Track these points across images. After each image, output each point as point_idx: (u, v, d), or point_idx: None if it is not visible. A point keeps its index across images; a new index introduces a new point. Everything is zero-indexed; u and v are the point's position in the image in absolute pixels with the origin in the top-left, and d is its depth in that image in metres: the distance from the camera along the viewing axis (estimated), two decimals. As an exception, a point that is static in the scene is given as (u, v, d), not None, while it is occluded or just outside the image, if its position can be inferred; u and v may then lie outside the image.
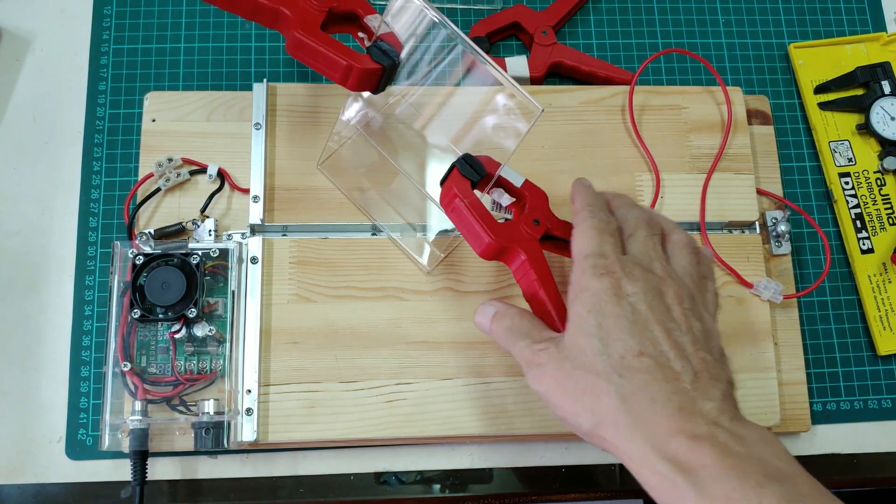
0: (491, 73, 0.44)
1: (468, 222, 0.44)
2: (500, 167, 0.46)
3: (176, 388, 0.50)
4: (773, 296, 0.55)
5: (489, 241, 0.44)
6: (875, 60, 0.63)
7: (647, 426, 0.36)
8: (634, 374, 0.37)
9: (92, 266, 0.55)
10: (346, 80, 0.46)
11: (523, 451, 0.54)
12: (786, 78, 0.64)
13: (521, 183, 0.47)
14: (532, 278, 0.44)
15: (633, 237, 0.43)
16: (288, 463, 0.53)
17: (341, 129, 0.54)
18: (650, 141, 0.58)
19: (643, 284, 0.39)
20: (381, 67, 0.46)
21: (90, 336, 0.54)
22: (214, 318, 0.52)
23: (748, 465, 0.34)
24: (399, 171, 0.52)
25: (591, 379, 0.38)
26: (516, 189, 0.47)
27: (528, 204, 0.46)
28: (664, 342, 0.38)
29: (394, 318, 0.53)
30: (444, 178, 0.46)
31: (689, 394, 0.37)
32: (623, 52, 0.64)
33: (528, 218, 0.45)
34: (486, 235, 0.44)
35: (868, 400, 0.57)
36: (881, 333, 0.58)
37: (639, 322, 0.38)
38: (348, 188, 0.54)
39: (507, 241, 0.44)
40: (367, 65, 0.45)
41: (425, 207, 0.54)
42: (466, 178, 0.46)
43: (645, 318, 0.38)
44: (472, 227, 0.44)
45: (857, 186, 0.61)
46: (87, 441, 0.52)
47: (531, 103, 0.43)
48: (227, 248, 0.52)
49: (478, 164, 0.46)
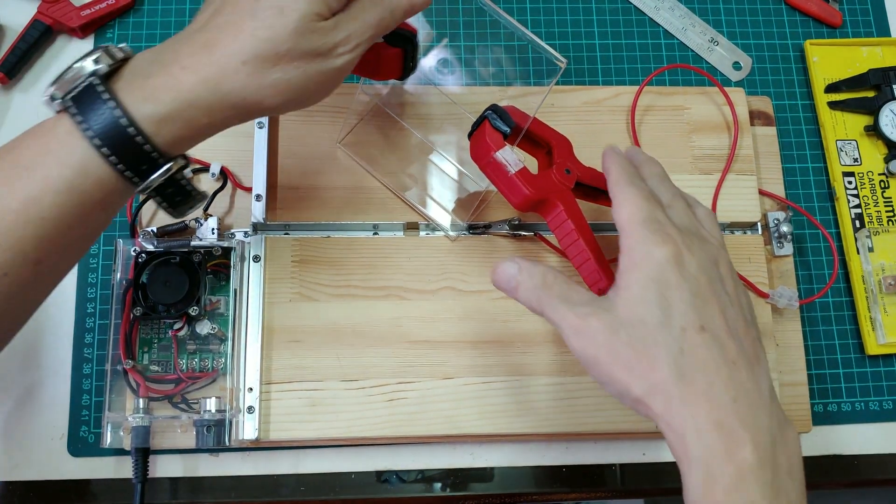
0: (514, 28, 0.44)
1: (504, 176, 0.44)
2: (529, 118, 0.46)
3: (178, 385, 0.51)
4: (788, 303, 0.55)
5: (527, 194, 0.43)
6: (889, 64, 0.63)
7: (701, 406, 0.35)
8: (696, 349, 0.36)
9: (94, 264, 0.55)
10: None
11: (524, 450, 0.54)
12: (789, 79, 0.64)
13: None
14: (570, 228, 0.44)
15: (672, 208, 0.42)
16: (289, 461, 0.53)
17: (358, 105, 0.54)
18: (653, 141, 0.58)
19: (702, 254, 0.39)
20: (401, 51, 0.46)
21: (92, 333, 0.54)
22: (216, 317, 0.52)
23: (765, 494, 0.34)
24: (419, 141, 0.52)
25: (650, 349, 0.36)
26: (542, 138, 0.47)
27: (555, 151, 0.46)
28: (718, 318, 0.37)
29: (395, 318, 0.53)
30: (472, 130, 0.46)
31: (745, 384, 0.36)
32: (626, 52, 0.64)
33: (559, 167, 0.45)
34: (524, 187, 0.43)
35: (869, 401, 0.57)
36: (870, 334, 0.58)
37: (700, 295, 0.37)
38: (369, 163, 0.55)
39: (543, 193, 0.44)
40: (385, 50, 0.45)
41: (446, 175, 0.54)
42: (498, 130, 0.45)
43: (704, 291, 0.38)
44: (510, 180, 0.44)
45: (860, 187, 0.61)
46: (88, 438, 0.52)
47: (555, 57, 0.44)
48: (229, 247, 0.52)
49: (506, 115, 0.45)
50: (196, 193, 0.40)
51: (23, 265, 0.36)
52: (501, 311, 0.53)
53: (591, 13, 0.65)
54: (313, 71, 0.38)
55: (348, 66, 0.39)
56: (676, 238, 0.38)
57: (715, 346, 0.36)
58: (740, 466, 0.34)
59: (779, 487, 0.35)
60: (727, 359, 0.36)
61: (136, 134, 0.35)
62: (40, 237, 0.35)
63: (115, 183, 0.36)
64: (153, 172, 0.36)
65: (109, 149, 0.35)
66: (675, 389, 0.36)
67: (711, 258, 0.39)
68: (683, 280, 0.37)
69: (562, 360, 0.53)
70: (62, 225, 0.36)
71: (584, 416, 0.52)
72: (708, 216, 0.43)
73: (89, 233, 0.38)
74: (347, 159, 0.55)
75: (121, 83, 0.36)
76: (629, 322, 0.37)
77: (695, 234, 0.40)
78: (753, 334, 0.39)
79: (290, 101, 0.38)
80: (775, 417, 0.37)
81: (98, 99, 0.35)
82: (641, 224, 0.39)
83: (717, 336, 0.37)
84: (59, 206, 0.35)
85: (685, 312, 0.37)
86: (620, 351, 0.37)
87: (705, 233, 0.42)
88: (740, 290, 0.40)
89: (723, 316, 0.38)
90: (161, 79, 0.36)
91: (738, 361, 0.37)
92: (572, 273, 0.48)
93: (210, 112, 0.37)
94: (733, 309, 0.38)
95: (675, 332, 0.36)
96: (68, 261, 0.39)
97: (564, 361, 0.53)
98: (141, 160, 0.36)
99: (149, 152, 0.36)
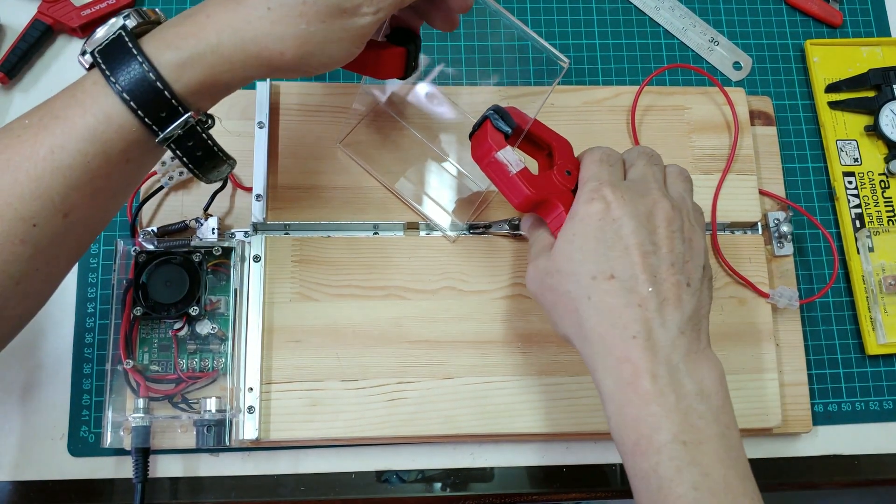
0: (516, 27, 0.44)
1: (506, 175, 0.45)
2: (530, 120, 0.47)
3: (178, 385, 0.51)
4: (789, 303, 0.55)
5: (528, 194, 0.44)
6: (889, 64, 0.63)
7: (605, 347, 0.40)
8: (603, 296, 0.40)
9: (95, 264, 0.55)
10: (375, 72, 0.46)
11: (524, 450, 0.54)
12: (789, 79, 0.64)
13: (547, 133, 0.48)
14: None
15: (633, 166, 0.45)
16: (289, 461, 0.53)
17: (359, 105, 0.54)
18: (653, 141, 0.58)
19: (631, 208, 0.41)
20: (404, 50, 0.46)
21: (93, 333, 0.54)
22: (217, 316, 0.52)
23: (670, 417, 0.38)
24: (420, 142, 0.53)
25: (564, 296, 0.42)
26: (543, 139, 0.47)
27: (556, 153, 0.47)
28: (638, 266, 0.40)
29: (395, 317, 0.53)
30: (473, 131, 0.46)
31: (649, 322, 0.39)
32: (626, 52, 0.64)
33: (560, 168, 0.46)
34: (525, 188, 0.44)
35: (869, 401, 0.57)
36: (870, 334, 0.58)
37: (617, 246, 0.41)
38: (369, 163, 0.55)
39: (544, 193, 0.45)
40: (389, 48, 0.45)
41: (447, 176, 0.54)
42: (499, 130, 0.46)
43: (626, 242, 0.41)
44: (510, 180, 0.45)
45: (861, 187, 0.61)
46: (89, 438, 0.52)
47: (557, 57, 0.44)
48: (229, 247, 0.52)
49: (508, 116, 0.46)
50: (222, 153, 0.41)
51: (52, 215, 0.36)
52: (501, 311, 0.53)
53: (591, 13, 0.65)
54: (337, 27, 0.38)
55: (370, 28, 0.40)
56: (607, 194, 0.42)
57: (621, 293, 0.40)
58: (642, 394, 0.38)
59: (686, 409, 0.38)
60: (633, 302, 0.40)
61: (156, 79, 0.36)
62: (67, 186, 0.36)
63: (136, 131, 0.37)
64: (173, 121, 0.37)
65: (129, 94, 0.36)
66: (581, 332, 0.41)
67: (641, 210, 0.41)
68: (601, 233, 0.41)
69: (562, 360, 0.53)
70: (87, 175, 0.37)
71: (584, 416, 0.52)
72: (677, 172, 0.46)
73: (115, 189, 0.39)
74: (347, 159, 0.55)
75: (148, 36, 0.38)
76: (555, 269, 0.42)
77: (638, 189, 0.43)
78: (677, 278, 0.41)
79: (310, 57, 0.39)
80: (681, 349, 0.39)
81: (123, 49, 0.36)
82: (583, 183, 0.44)
83: (628, 282, 0.40)
84: (84, 154, 0.36)
85: (597, 262, 0.41)
86: (547, 294, 0.43)
87: (656, 185, 0.43)
88: (677, 237, 0.42)
89: (643, 263, 0.40)
90: (186, 27, 0.37)
91: (645, 303, 0.40)
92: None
93: (231, 60, 0.37)
94: (657, 255, 0.41)
95: (585, 281, 0.41)
96: (95, 219, 0.39)
97: (564, 361, 0.53)
98: (160, 106, 0.37)
99: (168, 99, 0.37)
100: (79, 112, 0.36)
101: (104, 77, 0.36)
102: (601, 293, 0.40)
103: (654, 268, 0.40)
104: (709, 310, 0.42)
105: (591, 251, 0.41)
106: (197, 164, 0.40)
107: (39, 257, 0.37)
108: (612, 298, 0.40)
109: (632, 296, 0.40)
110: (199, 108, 0.39)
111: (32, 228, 0.36)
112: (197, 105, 0.38)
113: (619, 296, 0.40)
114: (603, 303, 0.40)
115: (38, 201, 0.36)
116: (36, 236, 0.36)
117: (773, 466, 0.55)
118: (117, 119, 0.36)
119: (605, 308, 0.40)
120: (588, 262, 0.41)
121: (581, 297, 0.41)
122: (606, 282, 0.40)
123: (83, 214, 0.38)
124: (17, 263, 0.37)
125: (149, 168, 0.41)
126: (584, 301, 0.41)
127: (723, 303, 0.55)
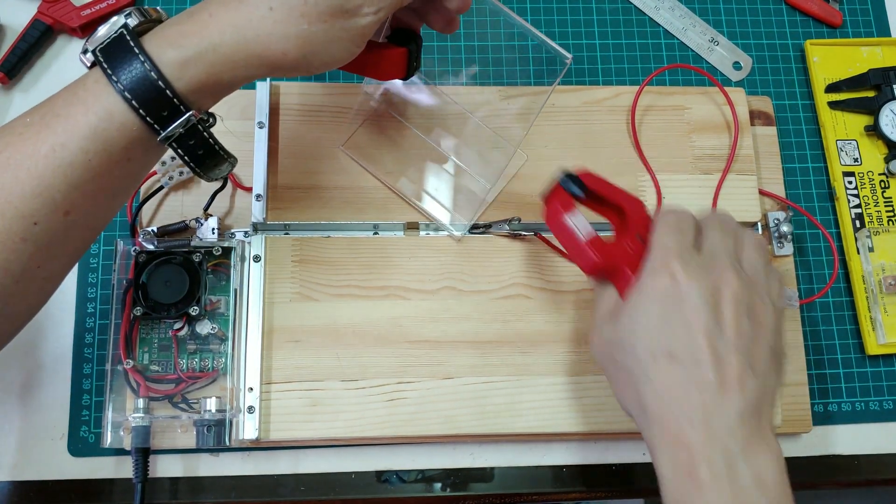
0: (517, 24, 0.44)
1: (574, 241, 0.45)
2: (601, 181, 0.46)
3: (178, 385, 0.51)
4: (789, 303, 0.55)
5: (596, 261, 0.44)
6: (889, 64, 0.63)
7: (662, 430, 0.38)
8: (663, 377, 0.39)
9: (95, 264, 0.55)
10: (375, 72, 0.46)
11: (524, 450, 0.54)
12: (789, 79, 0.64)
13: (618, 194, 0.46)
14: None
15: (706, 236, 0.42)
16: (289, 461, 0.53)
17: (361, 107, 0.54)
18: (653, 141, 0.58)
19: (698, 284, 0.39)
20: (406, 50, 0.46)
21: (93, 333, 0.54)
22: (217, 316, 0.52)
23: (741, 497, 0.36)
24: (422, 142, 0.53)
25: (625, 371, 0.41)
26: (614, 201, 0.46)
27: (627, 216, 0.46)
28: (701, 347, 0.38)
29: (395, 317, 0.53)
30: (545, 193, 0.46)
31: (708, 407, 0.38)
32: (626, 52, 0.64)
33: (631, 233, 0.45)
34: (593, 255, 0.44)
35: (869, 401, 0.57)
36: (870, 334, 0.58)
37: (680, 326, 0.39)
38: (373, 165, 0.55)
39: (612, 261, 0.44)
40: (390, 49, 0.45)
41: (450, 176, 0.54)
42: (569, 193, 0.46)
43: (689, 321, 0.39)
44: (579, 246, 0.44)
45: (861, 187, 0.61)
46: (89, 438, 0.52)
47: (559, 52, 0.44)
48: (229, 247, 0.52)
49: (578, 179, 0.46)
50: (223, 152, 0.41)
51: (53, 213, 0.36)
52: (501, 311, 0.53)
53: (592, 13, 0.65)
54: (338, 27, 0.38)
55: (370, 28, 0.40)
56: (676, 268, 0.40)
57: (681, 375, 0.38)
58: (698, 483, 0.37)
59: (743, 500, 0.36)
60: (692, 385, 0.38)
61: (157, 78, 0.36)
62: (68, 185, 0.36)
63: (137, 129, 0.37)
64: (174, 120, 0.37)
65: (131, 93, 0.36)
66: (640, 411, 0.40)
67: (709, 286, 0.39)
68: (665, 310, 0.39)
69: (562, 360, 0.53)
70: (88, 173, 0.37)
71: (584, 416, 0.52)
72: (750, 240, 0.43)
73: (116, 188, 0.39)
74: (347, 159, 0.55)
75: (149, 35, 0.38)
76: (618, 340, 0.41)
77: (707, 264, 0.40)
78: (740, 359, 0.38)
79: (312, 56, 0.39)
80: (739, 436, 0.37)
81: (125, 48, 0.36)
82: (652, 252, 0.41)
83: (689, 362, 0.38)
84: (85, 153, 0.36)
85: (658, 339, 0.39)
86: (608, 365, 0.43)
87: (727, 257, 0.41)
88: (743, 314, 0.39)
89: (707, 343, 0.38)
90: (188, 26, 0.37)
91: (706, 388, 0.38)
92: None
93: (233, 59, 0.37)
94: (721, 337, 0.39)
95: (644, 358, 0.39)
96: (96, 217, 0.39)
97: (564, 361, 0.53)
98: (162, 105, 0.37)
99: (170, 97, 0.37)
100: (81, 110, 0.36)
101: (105, 75, 0.36)
102: (661, 373, 0.39)
103: (717, 350, 0.38)
104: (775, 395, 0.40)
105: (653, 328, 0.39)
106: (198, 163, 0.40)
107: (40, 255, 0.37)
108: (672, 380, 0.38)
109: (692, 379, 0.38)
110: (201, 107, 0.39)
111: (33, 226, 0.36)
112: (199, 104, 0.38)
113: (679, 378, 0.38)
114: (662, 384, 0.39)
115: (39, 199, 0.36)
116: (37, 234, 0.36)
117: (773, 466, 0.55)
118: (119, 117, 0.36)
119: (663, 390, 0.39)
120: (650, 338, 0.39)
121: (641, 376, 0.39)
122: (667, 362, 0.39)
123: (84, 213, 0.38)
124: (17, 261, 0.37)
125: (150, 167, 0.41)
126: (644, 380, 0.39)
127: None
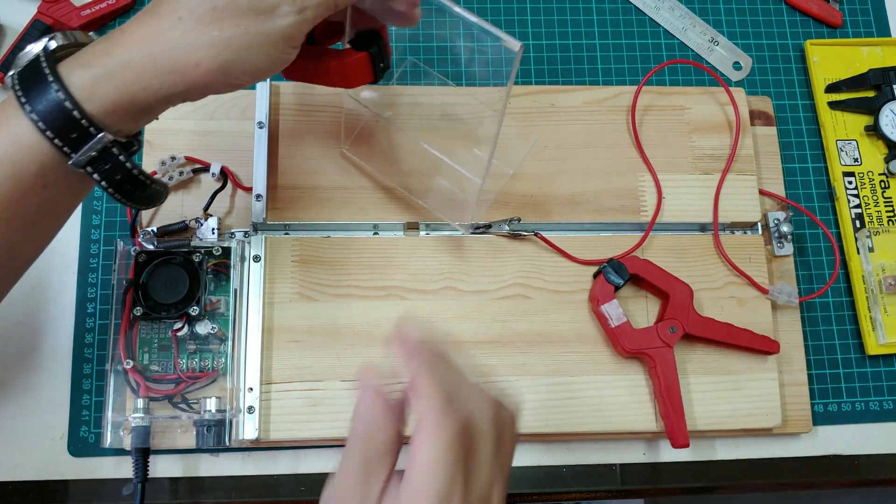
0: (465, 17, 0.42)
1: (607, 327, 0.52)
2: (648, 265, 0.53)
3: (178, 385, 0.51)
4: (788, 300, 0.55)
5: (621, 350, 0.52)
6: (889, 64, 0.63)
7: None
8: None
9: (95, 264, 0.55)
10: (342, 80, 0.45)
11: (524, 450, 0.54)
12: (789, 79, 0.64)
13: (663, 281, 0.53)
14: (658, 384, 0.51)
15: (479, 451, 0.35)
16: (289, 461, 0.53)
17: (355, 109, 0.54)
18: (653, 141, 0.58)
19: None
20: (367, 55, 0.44)
21: (93, 333, 0.54)
22: (217, 316, 0.52)
23: None
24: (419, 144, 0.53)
25: None
26: (660, 288, 0.53)
27: (671, 303, 0.52)
28: None
29: (395, 318, 0.53)
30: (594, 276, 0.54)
31: None
32: (626, 51, 0.64)
33: (665, 324, 0.51)
34: (622, 342, 0.51)
35: (869, 401, 0.57)
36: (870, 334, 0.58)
37: None
38: (374, 166, 0.55)
39: (641, 349, 0.51)
40: (350, 56, 0.44)
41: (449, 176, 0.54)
42: (610, 282, 0.53)
43: None
44: (611, 331, 0.52)
45: (861, 187, 0.61)
46: (89, 438, 0.52)
47: (509, 41, 0.41)
48: (229, 247, 0.52)
49: (622, 268, 0.53)
50: (146, 178, 0.38)
51: None
52: (501, 311, 0.53)
53: (591, 13, 0.65)
54: (254, 31, 0.36)
55: (294, 29, 0.37)
56: None
57: None
58: None
59: None
60: None
61: (65, 98, 0.35)
62: None
63: (48, 154, 0.36)
64: (85, 143, 0.35)
65: (39, 114, 0.35)
66: None
67: None
68: None
69: (562, 360, 0.53)
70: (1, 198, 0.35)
71: (584, 416, 0.52)
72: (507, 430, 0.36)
73: (33, 217, 0.37)
74: (347, 159, 0.55)
75: (69, 59, 0.36)
76: None
77: None
78: None
79: (229, 66, 0.36)
80: None
81: (38, 71, 0.35)
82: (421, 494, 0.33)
83: None
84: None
85: None
86: None
87: None
88: None
89: None
90: (101, 46, 0.36)
91: None
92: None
93: (143, 77, 0.36)
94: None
95: None
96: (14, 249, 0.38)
97: (564, 361, 0.53)
98: (71, 127, 0.35)
99: (78, 119, 0.35)
100: None
101: (16, 98, 0.35)
102: None
103: None
104: None
105: None
106: (118, 189, 0.38)
107: None
108: None
109: None
110: (119, 130, 0.37)
111: None
112: (116, 127, 0.36)
113: None
114: None
115: None
116: None
117: (773, 466, 0.55)
118: (27, 140, 0.35)
119: None
120: None
121: None
122: None
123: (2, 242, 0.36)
124: None
125: (76, 195, 0.39)
126: None
127: (723, 303, 0.55)
